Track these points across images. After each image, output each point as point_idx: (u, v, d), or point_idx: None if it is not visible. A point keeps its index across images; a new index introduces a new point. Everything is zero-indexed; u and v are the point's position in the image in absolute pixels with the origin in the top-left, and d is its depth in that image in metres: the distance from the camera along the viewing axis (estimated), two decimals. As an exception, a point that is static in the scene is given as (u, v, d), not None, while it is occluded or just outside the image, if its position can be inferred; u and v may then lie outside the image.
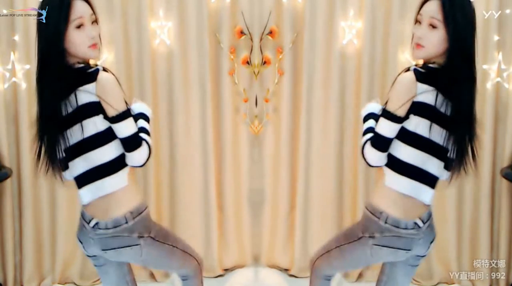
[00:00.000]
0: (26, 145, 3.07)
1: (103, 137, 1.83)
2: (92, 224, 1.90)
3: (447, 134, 1.84)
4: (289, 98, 3.27)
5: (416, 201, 1.91)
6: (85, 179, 1.88)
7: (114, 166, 1.86)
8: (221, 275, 3.37)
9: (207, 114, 3.20)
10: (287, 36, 3.19)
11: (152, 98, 3.14)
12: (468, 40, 1.82)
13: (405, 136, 1.85)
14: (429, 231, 1.97)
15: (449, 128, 1.83)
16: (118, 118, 1.81)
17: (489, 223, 3.18)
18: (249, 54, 3.21)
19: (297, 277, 3.35)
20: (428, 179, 1.90)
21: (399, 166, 1.88)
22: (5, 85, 3.04)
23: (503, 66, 3.06)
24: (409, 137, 1.85)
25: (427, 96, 1.81)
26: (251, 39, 3.18)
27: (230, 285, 3.26)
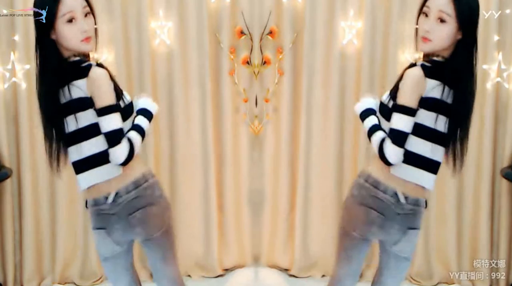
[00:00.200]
0: (26, 145, 3.08)
1: (94, 130, 1.84)
2: (111, 197, 1.89)
3: (448, 122, 1.86)
4: (289, 98, 3.27)
5: (417, 186, 1.93)
6: (79, 166, 1.90)
7: (105, 158, 1.86)
8: (221, 275, 3.37)
9: (207, 114, 3.20)
10: (287, 36, 3.19)
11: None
12: (474, 34, 1.85)
13: (414, 128, 1.85)
14: (411, 216, 1.94)
15: (451, 116, 1.86)
16: (102, 112, 1.82)
17: (489, 223, 3.18)
18: (249, 54, 3.21)
19: (297, 277, 3.35)
20: (434, 166, 1.92)
21: (409, 157, 1.87)
22: (5, 85, 3.04)
23: (503, 66, 3.06)
24: (417, 129, 1.85)
25: (435, 91, 1.82)
26: (251, 39, 3.18)
27: (230, 285, 3.26)
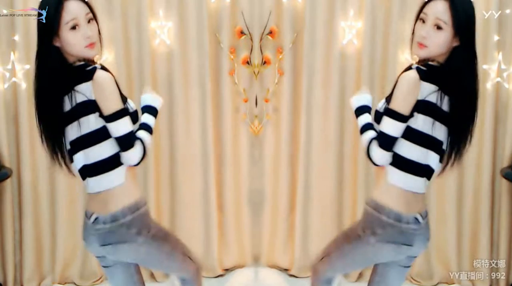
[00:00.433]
0: (26, 145, 3.08)
1: (99, 135, 1.84)
2: (92, 219, 1.90)
3: (446, 130, 1.86)
4: (289, 98, 3.27)
5: (417, 195, 1.93)
6: (85, 173, 1.90)
7: (110, 164, 1.86)
8: (221, 275, 3.37)
9: (207, 114, 3.20)
10: (287, 36, 3.19)
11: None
12: (472, 40, 1.85)
13: (410, 134, 1.86)
14: (426, 228, 1.99)
15: (448, 124, 1.85)
16: (112, 117, 1.82)
17: (489, 223, 3.18)
18: (249, 54, 3.21)
19: (297, 277, 3.35)
20: (428, 172, 1.92)
21: (404, 164, 1.88)
22: (5, 85, 3.04)
23: (503, 66, 3.06)
24: (414, 136, 1.86)
25: (430, 95, 1.82)
26: (251, 39, 3.18)
27: (230, 285, 3.26)
